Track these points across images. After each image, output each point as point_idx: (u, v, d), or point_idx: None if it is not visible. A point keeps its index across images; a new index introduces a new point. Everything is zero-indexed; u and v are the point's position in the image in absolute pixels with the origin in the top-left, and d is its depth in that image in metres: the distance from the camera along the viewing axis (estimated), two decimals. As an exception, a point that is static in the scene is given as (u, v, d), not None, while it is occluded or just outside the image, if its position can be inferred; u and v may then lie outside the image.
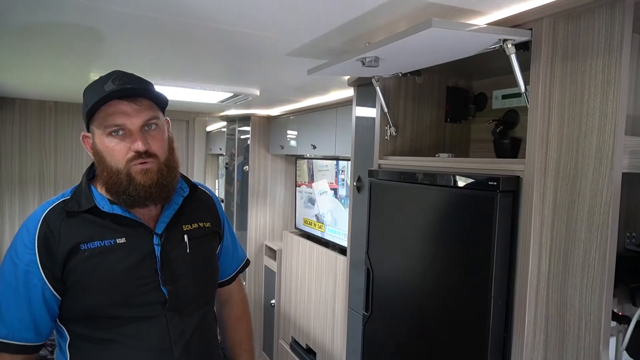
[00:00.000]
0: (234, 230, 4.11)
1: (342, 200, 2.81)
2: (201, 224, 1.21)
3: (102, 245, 1.04)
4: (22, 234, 1.04)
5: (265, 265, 3.75)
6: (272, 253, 3.61)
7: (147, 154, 1.04)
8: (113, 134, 1.04)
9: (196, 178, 4.27)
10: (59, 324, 1.08)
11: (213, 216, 1.27)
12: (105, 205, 1.07)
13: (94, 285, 1.03)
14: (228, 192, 4.23)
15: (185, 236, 1.15)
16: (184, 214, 1.17)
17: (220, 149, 4.48)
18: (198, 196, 1.24)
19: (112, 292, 1.04)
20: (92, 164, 1.13)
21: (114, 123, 1.03)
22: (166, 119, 1.15)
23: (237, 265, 1.40)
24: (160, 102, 1.11)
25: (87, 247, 1.03)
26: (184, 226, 1.16)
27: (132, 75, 1.07)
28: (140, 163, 1.04)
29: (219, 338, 1.37)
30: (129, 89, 1.03)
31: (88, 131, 1.10)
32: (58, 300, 1.05)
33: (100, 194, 1.09)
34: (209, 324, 1.20)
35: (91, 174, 1.13)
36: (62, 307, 1.05)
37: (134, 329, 1.05)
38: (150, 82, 1.10)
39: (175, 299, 1.09)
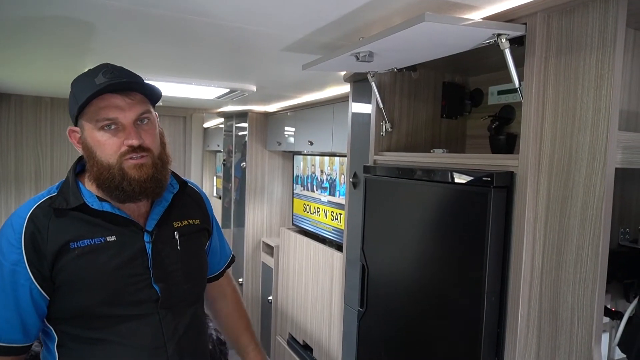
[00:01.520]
0: (232, 227, 4.11)
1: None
2: (191, 221, 1.19)
3: (92, 243, 1.02)
4: (7, 233, 1.01)
5: (263, 262, 3.76)
6: (269, 249, 3.61)
7: (140, 148, 1.03)
8: (105, 128, 1.01)
9: (193, 174, 4.27)
10: (47, 324, 1.05)
11: (202, 213, 1.26)
12: (94, 203, 1.04)
13: (84, 284, 1.01)
14: (225, 189, 4.23)
15: (176, 233, 1.14)
16: (173, 211, 1.15)
17: (218, 146, 4.47)
18: (187, 192, 1.23)
19: (104, 291, 1.02)
20: (78, 159, 1.11)
21: (107, 117, 1.00)
22: (155, 113, 1.13)
23: (225, 261, 1.39)
24: (153, 96, 1.09)
25: (77, 245, 1.01)
26: (174, 223, 1.15)
27: (121, 68, 1.05)
28: (134, 158, 1.02)
29: (212, 334, 1.37)
30: (125, 82, 1.01)
31: (76, 125, 1.07)
32: (46, 299, 1.02)
33: (88, 191, 1.06)
34: (200, 320, 1.20)
35: (78, 169, 1.11)
36: (50, 307, 1.03)
37: (126, 327, 1.03)
38: (140, 77, 1.08)
39: (168, 296, 1.08)
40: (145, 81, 1.07)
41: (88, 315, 1.02)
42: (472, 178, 1.19)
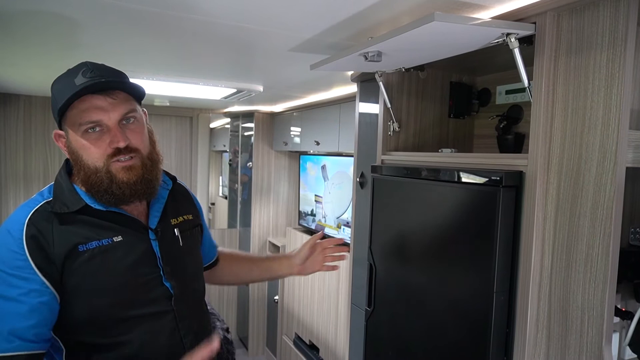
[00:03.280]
0: (238, 227, 4.14)
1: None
2: (186, 217, 1.20)
3: (100, 244, 0.99)
4: (5, 241, 0.94)
5: (269, 262, 3.76)
6: (276, 249, 3.62)
7: (127, 149, 1.00)
8: (89, 131, 0.98)
9: (200, 175, 4.29)
10: (53, 334, 0.98)
11: (194, 208, 1.27)
12: (95, 203, 1.01)
13: (98, 288, 0.98)
14: (232, 189, 4.24)
15: (176, 230, 1.14)
16: (169, 208, 1.15)
17: (224, 146, 4.49)
18: (177, 189, 1.22)
19: (119, 293, 1.00)
20: (66, 162, 1.08)
21: (90, 120, 0.97)
22: (143, 110, 1.10)
23: (215, 247, 1.43)
24: (137, 94, 1.05)
25: (86, 248, 0.97)
26: (171, 220, 1.15)
27: (102, 66, 1.01)
28: (122, 160, 0.99)
29: (220, 333, 1.40)
30: (104, 82, 0.97)
31: (60, 129, 1.04)
32: (58, 304, 0.96)
33: (85, 193, 1.02)
34: (208, 315, 1.23)
35: (68, 171, 1.07)
36: (60, 315, 0.97)
37: (144, 327, 1.02)
38: (124, 73, 1.05)
39: (180, 293, 1.08)
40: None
41: (102, 320, 0.99)
42: (481, 178, 1.19)
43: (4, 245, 0.94)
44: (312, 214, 3.29)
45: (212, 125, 4.56)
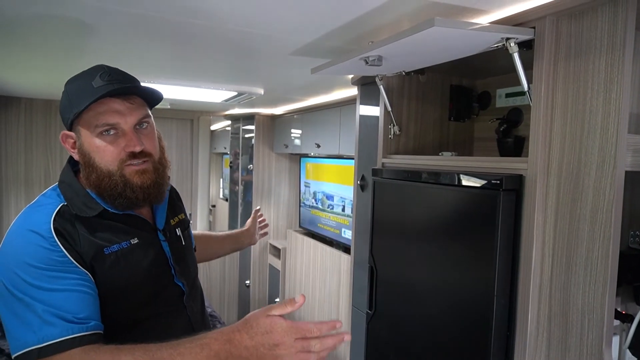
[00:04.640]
0: (238, 228, 4.13)
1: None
2: (181, 216, 1.24)
3: (121, 247, 1.00)
4: (33, 240, 0.92)
5: (270, 264, 3.76)
6: (277, 252, 3.62)
7: (141, 153, 1.01)
8: (104, 133, 0.98)
9: (200, 177, 4.30)
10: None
11: (183, 206, 1.31)
12: (108, 207, 1.02)
13: (120, 290, 0.99)
14: (232, 191, 4.25)
15: (177, 230, 1.18)
16: (169, 209, 1.18)
17: (225, 148, 4.49)
18: (171, 189, 1.26)
19: (137, 294, 1.02)
20: (69, 164, 1.08)
21: (107, 122, 0.98)
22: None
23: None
24: (152, 100, 1.07)
25: (110, 250, 0.98)
26: (171, 221, 1.18)
27: (118, 70, 1.02)
28: (135, 164, 1.01)
29: (217, 326, 1.47)
30: (129, 87, 0.99)
31: (70, 129, 1.03)
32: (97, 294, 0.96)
33: (96, 196, 1.02)
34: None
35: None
36: None
37: (161, 326, 1.05)
38: (136, 79, 1.06)
39: (190, 289, 1.13)
40: (145, 84, 1.04)
41: (120, 320, 1.00)
42: (481, 181, 1.20)
43: (34, 244, 0.91)
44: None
45: (212, 127, 4.56)
